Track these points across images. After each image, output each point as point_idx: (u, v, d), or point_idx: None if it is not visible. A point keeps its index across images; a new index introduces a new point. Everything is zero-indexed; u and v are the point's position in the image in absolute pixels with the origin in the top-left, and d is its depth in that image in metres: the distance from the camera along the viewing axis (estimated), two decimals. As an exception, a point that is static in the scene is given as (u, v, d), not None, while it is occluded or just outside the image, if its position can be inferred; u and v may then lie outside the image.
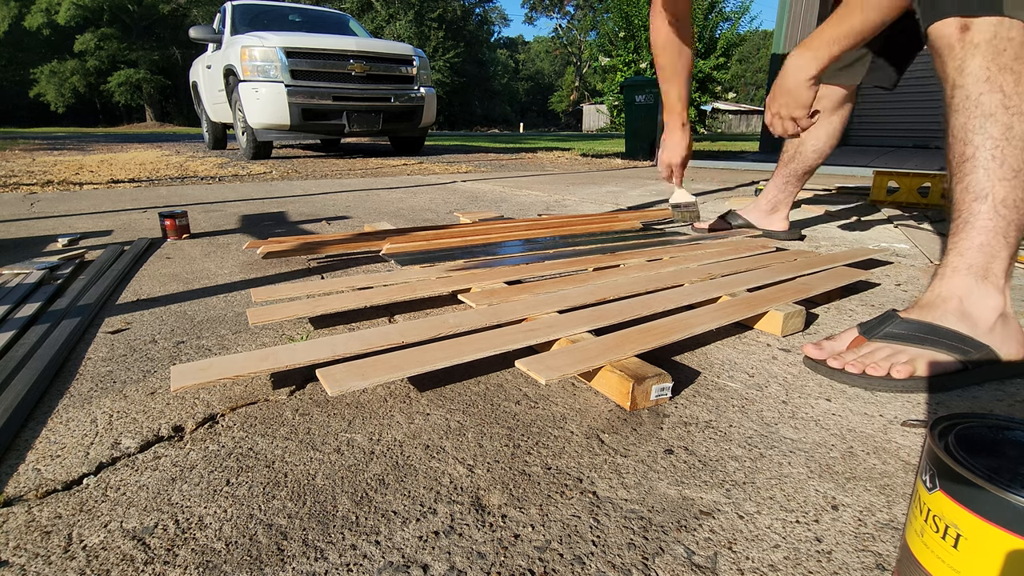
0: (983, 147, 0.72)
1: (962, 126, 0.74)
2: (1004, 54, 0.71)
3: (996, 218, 0.72)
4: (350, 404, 0.67)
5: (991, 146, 0.71)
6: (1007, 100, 0.71)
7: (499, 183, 3.15)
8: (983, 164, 0.72)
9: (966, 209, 0.74)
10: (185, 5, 29.42)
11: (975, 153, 0.73)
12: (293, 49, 4.34)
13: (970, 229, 0.73)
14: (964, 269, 0.73)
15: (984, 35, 0.72)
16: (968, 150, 0.73)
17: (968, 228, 0.74)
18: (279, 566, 0.42)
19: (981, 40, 0.72)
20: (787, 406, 0.67)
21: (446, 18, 28.85)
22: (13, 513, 0.48)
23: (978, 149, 0.72)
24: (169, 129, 22.82)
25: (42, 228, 1.76)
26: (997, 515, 0.30)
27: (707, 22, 11.75)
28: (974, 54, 0.73)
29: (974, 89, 0.73)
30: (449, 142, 9.52)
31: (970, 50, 0.73)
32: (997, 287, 0.72)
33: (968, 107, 0.73)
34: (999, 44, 0.71)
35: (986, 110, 0.72)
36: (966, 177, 0.74)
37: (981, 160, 0.72)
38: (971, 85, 0.73)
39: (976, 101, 0.72)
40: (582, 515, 0.48)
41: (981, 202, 0.72)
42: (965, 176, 0.74)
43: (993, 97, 0.71)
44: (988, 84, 0.72)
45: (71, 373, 0.75)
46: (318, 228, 1.79)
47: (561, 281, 1.04)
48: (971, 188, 0.73)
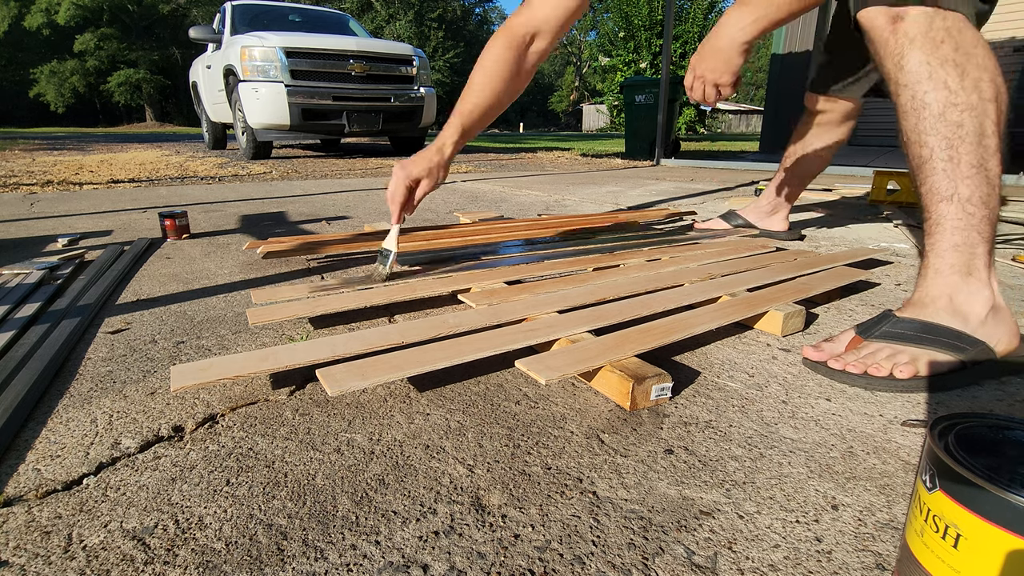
0: (938, 148, 0.70)
1: (914, 128, 0.72)
2: (943, 46, 0.68)
3: (966, 216, 0.70)
4: (350, 404, 0.67)
5: (945, 146, 0.70)
6: (953, 96, 0.68)
7: (499, 183, 3.15)
8: (941, 166, 0.70)
9: (935, 211, 0.72)
10: (185, 5, 29.42)
11: (931, 155, 0.71)
12: (293, 49, 4.34)
13: (942, 231, 0.72)
14: (947, 269, 0.73)
15: (919, 27, 0.69)
16: (924, 152, 0.72)
17: (940, 229, 0.72)
18: (279, 566, 0.42)
19: (916, 33, 0.69)
20: (787, 406, 0.67)
21: (446, 18, 28.86)
22: (13, 513, 0.48)
23: (933, 151, 0.70)
24: (169, 129, 22.82)
25: (42, 228, 1.76)
26: (997, 515, 0.30)
27: (707, 22, 11.77)
28: (911, 48, 0.70)
29: (918, 88, 0.70)
30: (449, 142, 9.50)
31: (906, 44, 0.70)
32: (982, 281, 0.72)
33: (916, 108, 0.71)
34: (936, 35, 0.69)
35: (934, 110, 0.69)
36: (928, 179, 0.72)
37: (939, 162, 0.70)
38: (915, 84, 0.70)
39: (922, 101, 0.70)
40: (582, 515, 0.48)
41: (947, 203, 0.71)
42: (927, 178, 0.72)
43: (939, 95, 0.69)
44: (932, 81, 0.69)
45: (71, 373, 0.75)
46: (318, 228, 1.79)
47: (561, 281, 1.04)
48: (935, 190, 0.72)
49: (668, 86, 4.82)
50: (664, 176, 3.62)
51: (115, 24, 28.90)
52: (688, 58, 11.74)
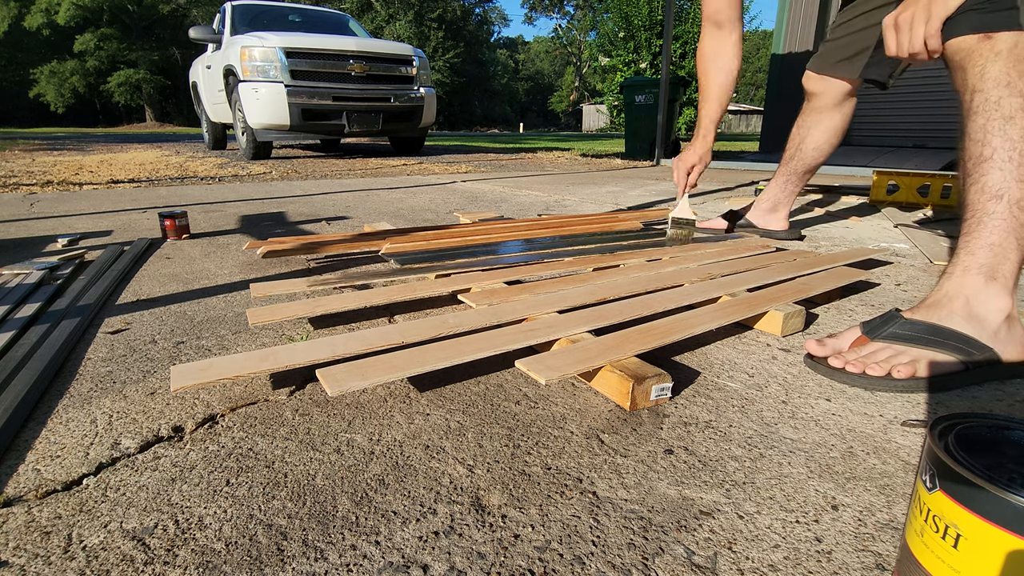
0: (1001, 148, 0.73)
1: (981, 127, 0.74)
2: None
3: (1010, 218, 0.72)
4: (350, 404, 0.67)
5: (1009, 147, 0.72)
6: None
7: (499, 183, 3.15)
8: (1000, 165, 0.72)
9: (980, 208, 0.74)
10: (185, 5, 29.42)
11: (993, 154, 0.73)
12: (293, 49, 4.34)
13: (983, 228, 0.73)
14: (975, 268, 0.73)
15: (1006, 44, 0.74)
16: (986, 151, 0.74)
17: (981, 227, 0.74)
18: (279, 566, 0.42)
19: (1003, 48, 0.74)
20: (787, 406, 0.67)
21: (446, 18, 28.85)
22: (13, 513, 0.48)
23: (996, 150, 0.73)
24: (169, 129, 22.82)
25: (42, 228, 1.76)
26: (997, 515, 0.30)
27: (707, 22, 11.74)
28: (995, 60, 0.74)
29: (994, 93, 0.74)
30: (449, 142, 9.52)
31: (991, 57, 0.74)
32: (1006, 288, 0.72)
33: (988, 109, 0.74)
34: (1020, 52, 0.73)
35: (1006, 112, 0.73)
36: (982, 178, 0.74)
37: (998, 161, 0.73)
38: (991, 89, 0.74)
39: (996, 104, 0.73)
40: (582, 515, 0.48)
41: (996, 202, 0.73)
42: (981, 176, 0.74)
43: (1013, 101, 0.72)
44: (1009, 88, 0.73)
45: (71, 373, 0.75)
46: (318, 228, 1.79)
47: (561, 281, 1.04)
48: (987, 188, 0.73)
49: (668, 86, 4.81)
50: (664, 176, 3.62)
51: (115, 24, 28.90)
52: (688, 58, 11.74)
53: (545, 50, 45.89)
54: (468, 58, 30.93)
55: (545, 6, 39.97)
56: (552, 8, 39.54)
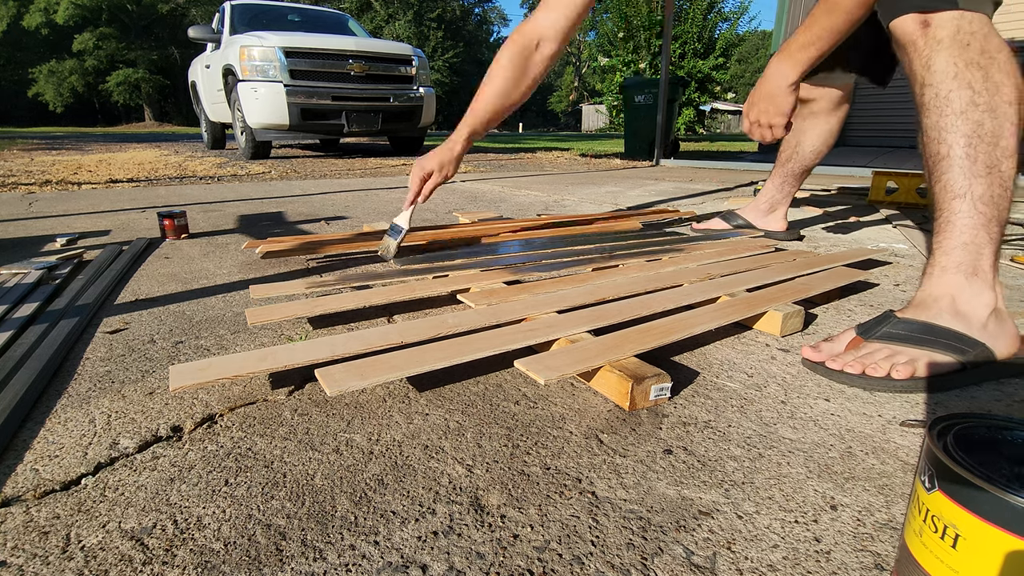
0: (956, 145, 0.72)
1: (935, 125, 0.74)
2: (969, 49, 0.71)
3: (976, 215, 0.72)
4: (349, 404, 0.66)
5: (964, 144, 0.71)
6: (976, 96, 0.71)
7: (498, 183, 3.15)
8: (958, 162, 0.72)
9: (946, 208, 0.74)
10: (184, 5, 29.38)
11: (949, 151, 0.73)
12: (292, 49, 4.34)
13: (952, 228, 0.74)
14: (952, 268, 0.74)
15: (946, 30, 0.72)
16: (942, 149, 0.73)
17: (950, 227, 0.74)
18: (278, 566, 0.42)
19: (944, 36, 0.72)
20: (786, 406, 0.67)
21: (445, 18, 28.85)
22: (11, 513, 0.48)
23: (952, 147, 0.72)
24: (168, 129, 22.78)
25: (40, 228, 1.75)
26: (996, 515, 0.30)
27: (706, 22, 11.77)
28: (939, 50, 0.72)
29: (943, 87, 0.72)
30: (448, 142, 9.50)
31: (934, 46, 0.73)
32: (987, 283, 0.72)
33: (939, 105, 0.73)
34: (963, 39, 0.71)
35: (956, 108, 0.72)
36: (943, 176, 0.74)
37: (956, 159, 0.72)
38: (940, 83, 0.73)
39: (946, 99, 0.72)
40: (581, 515, 0.48)
41: (960, 200, 0.72)
42: (942, 175, 0.74)
43: (962, 94, 0.71)
44: (956, 81, 0.72)
45: (69, 373, 0.75)
46: (317, 228, 1.79)
47: (560, 281, 1.04)
48: (949, 187, 0.73)
49: (667, 86, 4.82)
50: (663, 176, 3.62)
51: (114, 24, 28.86)
52: (687, 58, 11.74)
53: (544, 50, 45.77)
54: (467, 58, 30.92)
55: (544, 6, 39.85)
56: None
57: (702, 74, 11.67)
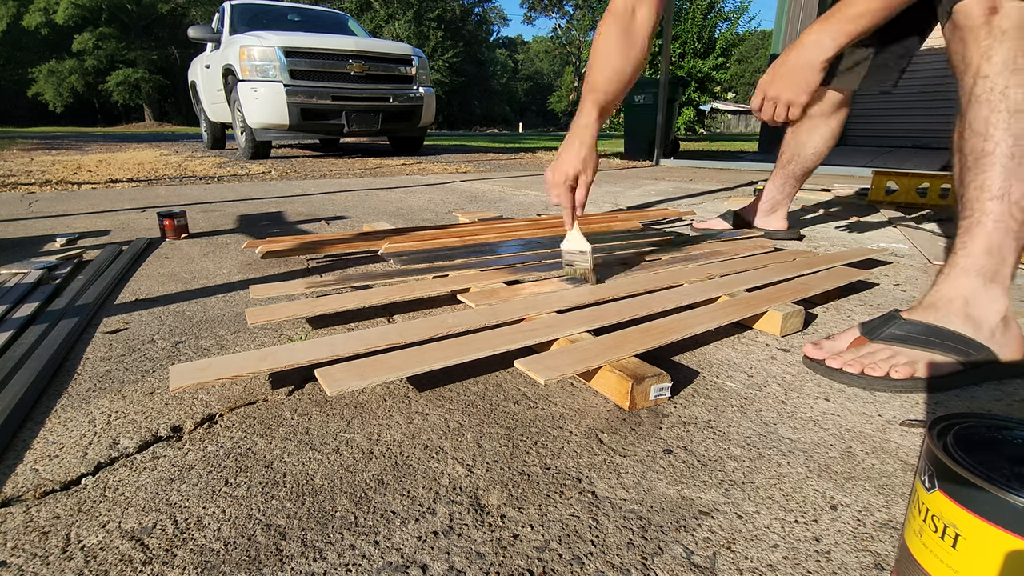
0: (1003, 143, 0.69)
1: (984, 119, 0.70)
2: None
3: (1009, 219, 0.69)
4: (349, 404, 0.66)
5: (1012, 143, 0.68)
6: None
7: (498, 183, 3.15)
8: (1003, 162, 0.69)
9: (979, 208, 0.71)
10: (184, 5, 29.38)
11: (995, 149, 0.69)
12: (292, 49, 4.34)
13: (981, 229, 0.71)
14: (974, 271, 0.71)
15: (1013, 20, 0.68)
16: (988, 145, 0.70)
17: (980, 228, 0.71)
18: (278, 566, 0.42)
19: (1010, 26, 0.69)
20: (786, 406, 0.67)
21: (445, 18, 28.83)
22: (11, 513, 0.48)
23: (998, 145, 0.69)
24: (168, 129, 22.78)
25: (40, 228, 1.75)
26: (996, 515, 0.30)
27: (706, 22, 11.77)
28: (1002, 40, 0.68)
29: (1000, 80, 0.69)
30: (448, 142, 9.51)
31: (998, 36, 0.69)
32: (1003, 289, 0.71)
33: (993, 99, 0.69)
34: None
35: (1012, 104, 0.68)
36: (983, 174, 0.70)
37: (1001, 157, 0.69)
38: (997, 76, 0.69)
39: (1003, 94, 0.69)
40: (581, 515, 0.48)
41: (996, 202, 0.69)
42: (981, 173, 0.71)
43: (1020, 91, 0.68)
44: (1017, 76, 0.68)
45: (69, 373, 0.75)
46: (317, 228, 1.79)
47: (560, 281, 1.04)
48: (987, 186, 0.70)
49: (667, 86, 4.82)
50: (663, 176, 3.62)
51: (114, 23, 28.86)
52: (687, 58, 11.73)
53: (544, 50, 45.86)
54: (467, 58, 30.90)
55: (544, 6, 39.95)
56: (551, 8, 39.52)
57: (702, 74, 11.67)
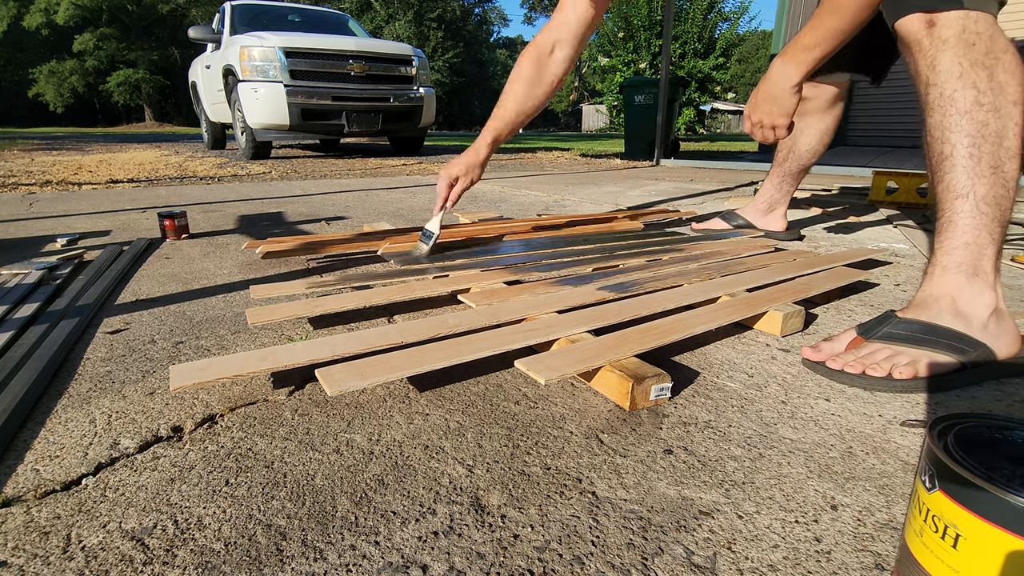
0: (960, 145, 0.72)
1: (938, 124, 0.74)
2: (975, 48, 0.71)
3: (979, 215, 0.72)
4: (349, 404, 0.66)
5: (968, 143, 0.71)
6: (981, 96, 0.71)
7: (498, 183, 3.15)
8: (961, 162, 0.72)
9: (949, 208, 0.74)
10: (184, 5, 29.39)
11: (952, 151, 0.72)
12: (292, 49, 4.34)
13: (954, 227, 0.73)
14: (953, 268, 0.73)
15: (952, 30, 0.72)
16: (946, 148, 0.73)
17: (952, 227, 0.74)
18: (278, 566, 0.42)
19: (950, 35, 0.72)
20: (786, 406, 0.67)
21: (445, 18, 28.83)
22: (12, 514, 0.48)
23: (955, 147, 0.72)
24: (168, 129, 22.79)
25: (41, 228, 1.75)
26: (996, 515, 0.30)
27: (706, 22, 11.76)
28: (944, 50, 0.72)
29: (948, 86, 0.72)
30: (449, 142, 9.51)
31: (939, 46, 0.73)
32: (988, 283, 0.72)
33: (943, 105, 0.73)
34: (968, 38, 0.71)
35: (961, 107, 0.72)
36: (946, 176, 0.74)
37: (959, 158, 0.72)
38: (944, 82, 0.72)
39: (951, 98, 0.72)
40: (581, 515, 0.48)
41: (963, 200, 0.72)
42: (945, 175, 0.74)
43: (967, 94, 0.71)
44: (961, 80, 0.71)
45: (70, 373, 0.75)
46: (317, 228, 1.79)
47: (560, 281, 1.04)
48: (952, 187, 0.73)
49: (667, 86, 4.81)
50: (664, 176, 3.62)
51: (114, 24, 28.87)
52: (687, 58, 11.73)
53: (544, 50, 45.76)
54: (468, 58, 30.90)
55: (545, 6, 39.93)
56: (551, 8, 39.49)
57: (702, 74, 11.66)
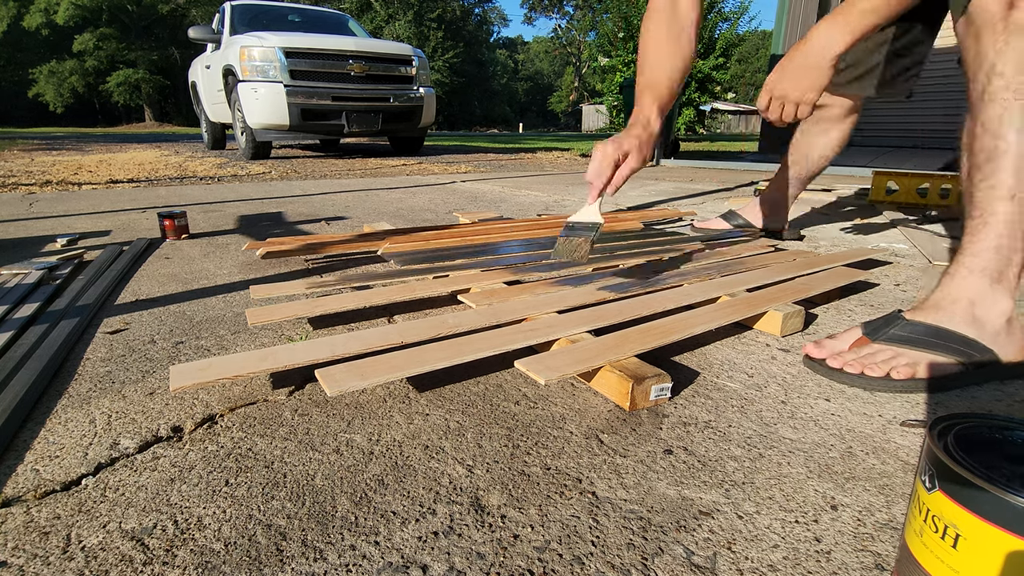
0: (1017, 144, 0.67)
1: (997, 118, 0.69)
2: None
3: (1019, 220, 0.68)
4: (349, 404, 0.66)
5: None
6: None
7: (498, 183, 3.15)
8: (1014, 162, 0.68)
9: (987, 208, 0.70)
10: (184, 5, 29.39)
11: (1008, 149, 0.68)
12: (292, 49, 4.34)
13: (989, 230, 0.70)
14: (979, 271, 0.71)
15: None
16: (1000, 145, 0.69)
17: (987, 229, 0.70)
18: (278, 566, 0.42)
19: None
20: (786, 406, 0.67)
21: (445, 18, 28.83)
22: (12, 514, 0.48)
23: (1011, 145, 0.68)
24: (168, 129, 22.79)
25: (41, 228, 1.75)
26: (996, 515, 0.30)
27: (706, 22, 11.76)
28: (1020, 37, 0.67)
29: (1016, 79, 0.67)
30: (448, 142, 9.51)
31: (1015, 31, 0.67)
32: (1009, 291, 0.70)
33: (1007, 98, 0.68)
34: None
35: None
36: (995, 175, 0.69)
37: (1012, 158, 0.68)
38: (1014, 74, 0.68)
39: (1017, 92, 0.67)
40: (581, 515, 0.48)
41: (1007, 202, 0.68)
42: (992, 173, 0.69)
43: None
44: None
45: (70, 373, 0.75)
46: (317, 228, 1.79)
47: (560, 281, 1.04)
48: (999, 186, 0.69)
49: (667, 86, 4.81)
50: (664, 176, 3.62)
51: (114, 24, 28.88)
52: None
53: (544, 50, 45.88)
54: (468, 58, 30.90)
55: (545, 6, 39.95)
56: (551, 8, 39.52)
57: (702, 74, 11.66)
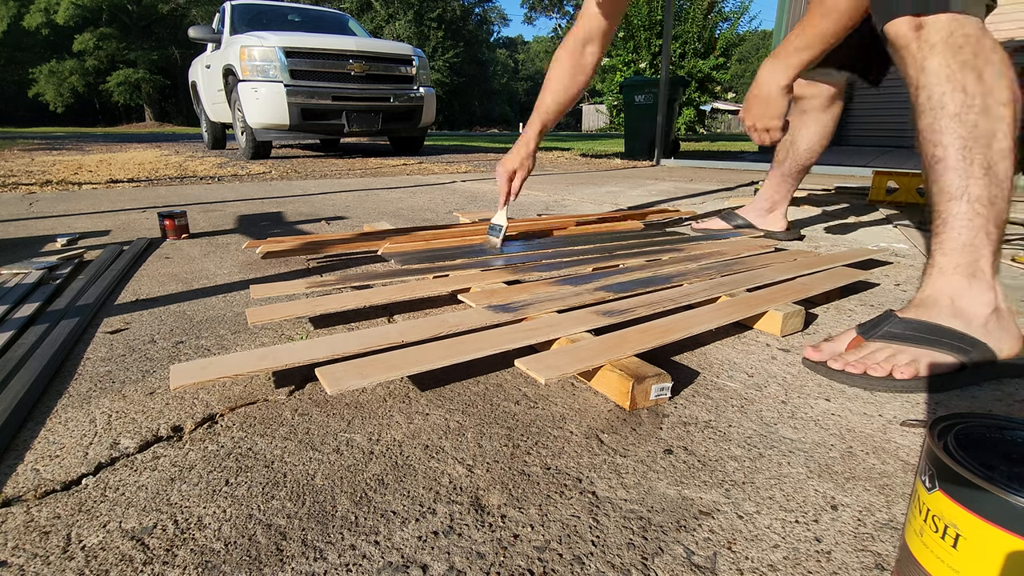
0: (952, 147, 0.72)
1: (929, 127, 0.74)
2: (963, 51, 0.72)
3: (975, 216, 0.72)
4: (349, 404, 0.66)
5: (959, 146, 0.72)
6: (969, 99, 0.71)
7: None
8: (954, 164, 0.72)
9: (944, 209, 0.74)
10: (184, 5, 29.39)
11: (945, 154, 0.73)
12: (292, 49, 4.34)
13: (950, 229, 0.74)
14: (951, 269, 0.74)
15: (939, 34, 0.72)
16: (938, 151, 0.74)
17: (949, 228, 0.74)
18: (278, 566, 0.42)
19: (937, 39, 0.73)
20: (786, 406, 0.67)
21: (445, 18, 28.82)
22: (12, 513, 0.48)
23: (947, 149, 0.73)
24: (168, 129, 22.79)
25: (41, 228, 1.75)
26: (996, 515, 0.30)
27: (706, 22, 11.76)
28: (932, 53, 0.73)
29: (937, 89, 0.73)
30: (448, 142, 9.51)
31: (927, 49, 0.73)
32: (986, 283, 0.73)
33: (933, 107, 0.73)
34: (956, 41, 0.72)
35: (951, 110, 0.72)
36: (940, 178, 0.74)
37: (952, 160, 0.72)
38: (934, 85, 0.73)
39: (940, 101, 0.73)
40: (581, 515, 0.48)
41: (957, 202, 0.73)
42: (939, 177, 0.74)
43: (956, 96, 0.72)
44: (950, 83, 0.72)
45: (70, 373, 0.75)
46: (317, 228, 1.79)
47: (559, 282, 1.04)
48: (946, 189, 0.73)
49: (667, 86, 4.81)
50: (664, 176, 3.62)
51: (114, 24, 28.88)
52: (687, 58, 11.74)
53: (545, 50, 45.82)
54: (468, 58, 30.88)
55: (545, 6, 39.91)
56: (552, 8, 39.48)
57: (702, 74, 11.67)
